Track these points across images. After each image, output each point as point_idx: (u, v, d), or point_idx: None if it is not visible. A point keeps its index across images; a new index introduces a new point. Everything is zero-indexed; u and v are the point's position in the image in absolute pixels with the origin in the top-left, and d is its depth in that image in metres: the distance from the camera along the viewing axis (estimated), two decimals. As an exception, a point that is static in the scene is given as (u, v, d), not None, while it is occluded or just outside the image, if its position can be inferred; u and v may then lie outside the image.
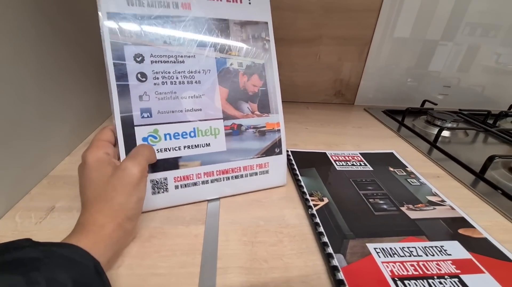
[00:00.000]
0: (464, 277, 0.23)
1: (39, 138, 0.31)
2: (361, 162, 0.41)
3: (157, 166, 0.28)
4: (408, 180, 0.37)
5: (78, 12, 0.38)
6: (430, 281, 0.23)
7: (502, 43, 0.65)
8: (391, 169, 0.40)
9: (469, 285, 0.22)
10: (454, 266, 0.24)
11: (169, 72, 0.29)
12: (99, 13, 0.26)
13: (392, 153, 0.45)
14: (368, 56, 0.63)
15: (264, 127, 0.33)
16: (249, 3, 0.33)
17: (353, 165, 0.40)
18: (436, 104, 0.65)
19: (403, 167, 0.41)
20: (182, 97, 0.29)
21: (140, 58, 0.28)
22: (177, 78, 0.29)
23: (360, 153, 0.43)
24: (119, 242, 0.21)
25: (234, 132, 0.32)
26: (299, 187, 0.34)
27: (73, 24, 0.37)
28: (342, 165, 0.40)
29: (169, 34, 0.29)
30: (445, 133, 0.55)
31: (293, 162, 0.39)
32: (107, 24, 0.26)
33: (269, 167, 0.33)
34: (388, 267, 0.23)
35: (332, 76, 0.65)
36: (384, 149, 0.46)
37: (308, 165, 0.39)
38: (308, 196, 0.32)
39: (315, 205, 0.31)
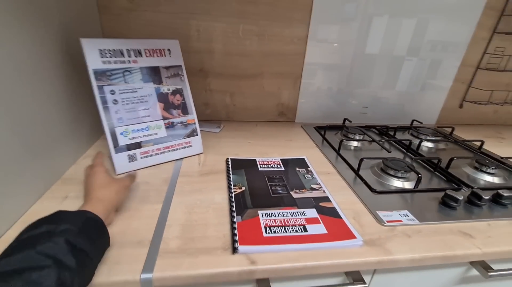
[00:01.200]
0: (307, 225, 0.41)
1: (58, 151, 0.48)
2: (278, 165, 0.60)
3: (131, 147, 0.53)
4: (305, 175, 0.56)
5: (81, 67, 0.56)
6: (286, 227, 0.41)
7: (406, 69, 0.87)
8: (297, 169, 0.59)
9: (307, 229, 0.41)
10: (305, 221, 0.42)
11: (129, 98, 0.53)
12: (88, 69, 0.47)
13: (304, 158, 0.64)
14: (301, 85, 0.83)
15: (186, 122, 0.60)
16: (170, 56, 0.58)
17: (271, 167, 0.59)
18: (350, 121, 0.86)
19: (306, 167, 0.60)
20: (139, 110, 0.54)
21: (113, 92, 0.51)
22: (134, 100, 0.53)
23: (280, 159, 0.62)
24: (108, 217, 0.38)
25: (169, 126, 0.58)
26: (228, 181, 0.52)
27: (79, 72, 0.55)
28: (264, 167, 0.58)
29: (127, 77, 0.52)
30: (353, 143, 0.75)
31: (230, 165, 0.57)
32: (92, 75, 0.48)
33: (191, 143, 0.61)
34: (265, 222, 0.41)
35: (275, 101, 0.85)
36: (300, 156, 0.65)
37: (240, 167, 0.57)
38: (232, 186, 0.50)
39: (235, 191, 0.49)
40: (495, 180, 0.61)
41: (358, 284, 0.39)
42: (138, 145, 0.54)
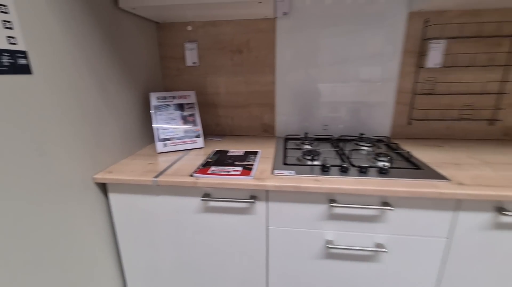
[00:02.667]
0: (231, 171, 0.84)
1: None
2: (240, 153, 1.03)
3: (165, 140, 1.01)
4: (251, 157, 0.98)
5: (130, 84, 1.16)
6: (222, 172, 0.84)
7: (358, 89, 1.21)
8: (249, 155, 1.01)
9: (230, 172, 0.83)
10: (232, 170, 0.85)
11: (167, 118, 1.04)
12: (151, 104, 1.01)
13: (258, 151, 1.05)
14: (276, 111, 1.27)
15: (195, 129, 1.10)
16: (189, 98, 1.09)
17: (236, 153, 1.03)
18: (306, 133, 1.23)
19: (255, 154, 1.01)
20: (170, 124, 1.04)
21: (160, 114, 1.03)
22: (169, 118, 1.04)
23: (244, 151, 1.06)
24: None
25: (185, 131, 1.04)
26: (208, 156, 0.99)
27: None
28: (232, 153, 1.03)
29: (168, 107, 1.05)
30: (305, 146, 1.12)
31: (213, 152, 1.04)
32: (152, 107, 1.02)
33: (197, 141, 1.10)
34: (213, 168, 0.86)
35: (259, 122, 1.30)
36: (258, 149, 1.07)
37: (218, 153, 1.04)
38: (208, 158, 0.97)
39: (208, 160, 0.95)
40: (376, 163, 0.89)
41: (252, 201, 0.78)
42: (168, 139, 1.07)
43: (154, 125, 1.06)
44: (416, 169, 0.84)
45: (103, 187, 0.89)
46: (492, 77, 1.10)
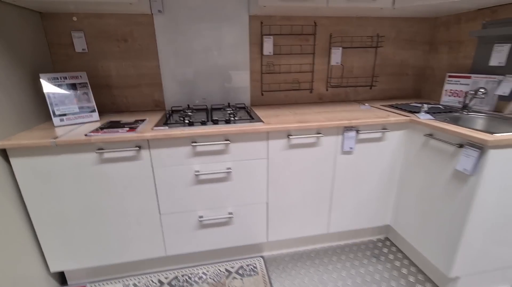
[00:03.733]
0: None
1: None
2: (132, 121, 1.33)
3: (61, 115, 1.21)
4: (138, 123, 1.29)
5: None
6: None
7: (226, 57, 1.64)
8: (138, 121, 1.32)
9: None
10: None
11: (61, 96, 1.24)
12: (44, 90, 1.20)
13: (146, 119, 1.37)
14: (163, 89, 1.59)
15: (89, 106, 1.28)
16: (81, 78, 1.29)
17: (128, 122, 1.32)
18: (188, 105, 1.61)
19: (142, 121, 1.33)
20: (65, 102, 1.24)
21: (54, 95, 1.22)
22: (64, 97, 1.24)
23: (135, 119, 1.36)
24: None
25: (80, 107, 1.26)
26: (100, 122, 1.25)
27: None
28: (125, 121, 1.32)
29: (61, 87, 1.25)
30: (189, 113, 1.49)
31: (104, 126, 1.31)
32: (45, 89, 1.21)
33: (92, 116, 1.29)
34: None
35: (151, 98, 1.60)
36: (145, 118, 1.38)
37: (115, 121, 1.31)
38: (100, 127, 1.23)
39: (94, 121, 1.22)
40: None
41: (137, 148, 1.11)
42: (64, 115, 1.27)
43: (49, 103, 1.24)
44: (250, 120, 1.32)
45: (5, 154, 1.06)
46: (306, 61, 1.70)
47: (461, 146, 1.07)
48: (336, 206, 1.45)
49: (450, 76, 1.61)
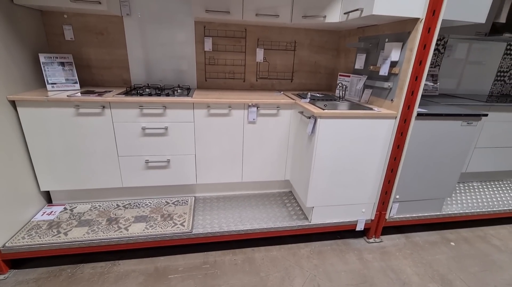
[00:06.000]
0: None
1: (30, 83, 1.79)
2: (103, 91, 1.90)
3: (53, 83, 1.79)
4: (107, 92, 1.86)
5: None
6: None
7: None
8: (107, 92, 1.89)
9: (90, 95, 1.71)
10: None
11: (54, 70, 1.82)
12: (41, 63, 1.78)
13: (113, 90, 1.94)
14: (130, 71, 2.16)
15: (72, 78, 1.87)
16: (68, 59, 1.87)
17: (99, 91, 1.89)
18: (147, 84, 2.19)
19: (110, 92, 1.90)
20: (56, 74, 1.82)
21: (48, 69, 1.81)
22: (57, 70, 1.82)
23: (105, 90, 1.93)
24: None
25: (67, 78, 1.84)
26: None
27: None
28: (97, 91, 1.89)
29: (53, 64, 1.83)
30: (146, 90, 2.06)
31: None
32: (42, 65, 1.79)
33: (76, 86, 1.86)
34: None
35: (121, 78, 2.17)
36: (109, 90, 1.96)
37: (91, 91, 1.88)
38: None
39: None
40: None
41: (102, 107, 1.69)
42: (54, 83, 1.84)
43: (45, 74, 1.80)
44: (184, 95, 1.90)
45: (14, 104, 1.63)
46: (239, 57, 2.28)
47: (309, 117, 1.67)
48: (246, 161, 2.05)
49: (340, 75, 2.21)
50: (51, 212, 1.83)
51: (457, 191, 2.36)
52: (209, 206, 2.02)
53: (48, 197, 1.94)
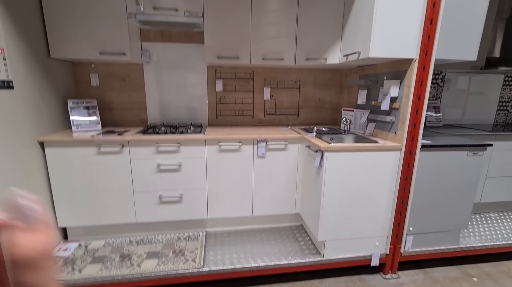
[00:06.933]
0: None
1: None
2: (122, 130, 2.05)
3: (78, 125, 1.96)
4: (126, 131, 2.01)
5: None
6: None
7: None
8: (126, 131, 2.04)
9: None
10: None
11: (80, 113, 2.00)
12: (68, 106, 1.96)
13: (131, 129, 2.09)
14: (147, 111, 2.34)
15: (95, 119, 2.03)
16: (92, 103, 2.06)
17: (119, 131, 2.04)
18: (163, 123, 2.34)
19: (128, 131, 2.05)
20: (83, 117, 2.00)
21: (74, 112, 1.99)
22: (82, 112, 2.00)
23: (124, 130, 2.08)
24: None
25: (90, 120, 2.01)
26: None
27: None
28: (117, 130, 2.04)
29: (79, 109, 2.01)
30: (162, 128, 2.21)
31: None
32: (69, 108, 1.97)
33: (97, 127, 2.01)
34: (102, 134, 1.86)
35: (138, 118, 2.34)
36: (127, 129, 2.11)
37: (111, 131, 2.03)
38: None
39: (101, 132, 1.94)
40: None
41: (121, 146, 1.82)
42: (79, 125, 2.00)
43: (71, 118, 1.98)
44: (197, 132, 2.02)
45: (42, 145, 1.78)
46: (247, 96, 2.45)
47: (316, 151, 1.74)
48: (256, 195, 2.09)
49: (344, 110, 2.32)
50: (67, 248, 1.87)
51: (474, 223, 2.30)
52: (220, 241, 2.02)
53: (64, 233, 2.00)
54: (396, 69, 1.76)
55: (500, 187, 2.37)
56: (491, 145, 1.79)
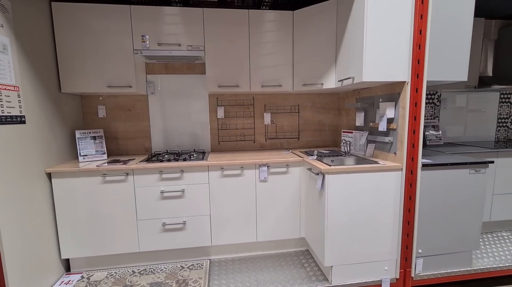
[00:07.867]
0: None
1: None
2: (127, 159, 2.10)
3: (85, 156, 2.02)
4: (131, 160, 2.06)
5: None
6: (112, 164, 1.90)
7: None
8: (130, 160, 2.09)
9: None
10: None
11: (86, 143, 2.06)
12: (76, 137, 2.04)
13: (135, 158, 2.14)
14: (151, 139, 2.40)
15: (101, 150, 2.09)
16: (99, 133, 2.13)
17: (124, 159, 2.09)
18: (167, 150, 2.40)
19: (133, 159, 2.10)
20: (88, 147, 2.06)
21: (82, 143, 2.06)
22: (88, 143, 2.06)
23: (128, 159, 2.13)
24: None
25: (97, 149, 2.07)
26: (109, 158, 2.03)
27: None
28: (122, 159, 2.09)
29: (86, 139, 2.09)
30: (165, 155, 2.26)
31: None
32: (77, 139, 2.05)
33: (105, 155, 2.06)
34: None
35: (143, 146, 2.40)
36: (133, 157, 2.16)
37: (116, 160, 2.08)
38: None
39: (107, 162, 1.99)
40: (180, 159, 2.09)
41: (125, 174, 1.86)
42: (86, 155, 2.06)
43: (78, 148, 2.05)
44: (199, 159, 2.06)
45: (49, 176, 1.82)
46: (248, 121, 2.51)
47: (318, 173, 1.76)
48: (260, 220, 2.07)
49: (343, 132, 2.36)
50: (69, 281, 1.84)
51: (486, 242, 2.22)
52: (225, 269, 1.97)
53: (67, 265, 1.97)
54: (390, 91, 1.82)
55: (509, 204, 2.32)
56: (492, 162, 1.79)
